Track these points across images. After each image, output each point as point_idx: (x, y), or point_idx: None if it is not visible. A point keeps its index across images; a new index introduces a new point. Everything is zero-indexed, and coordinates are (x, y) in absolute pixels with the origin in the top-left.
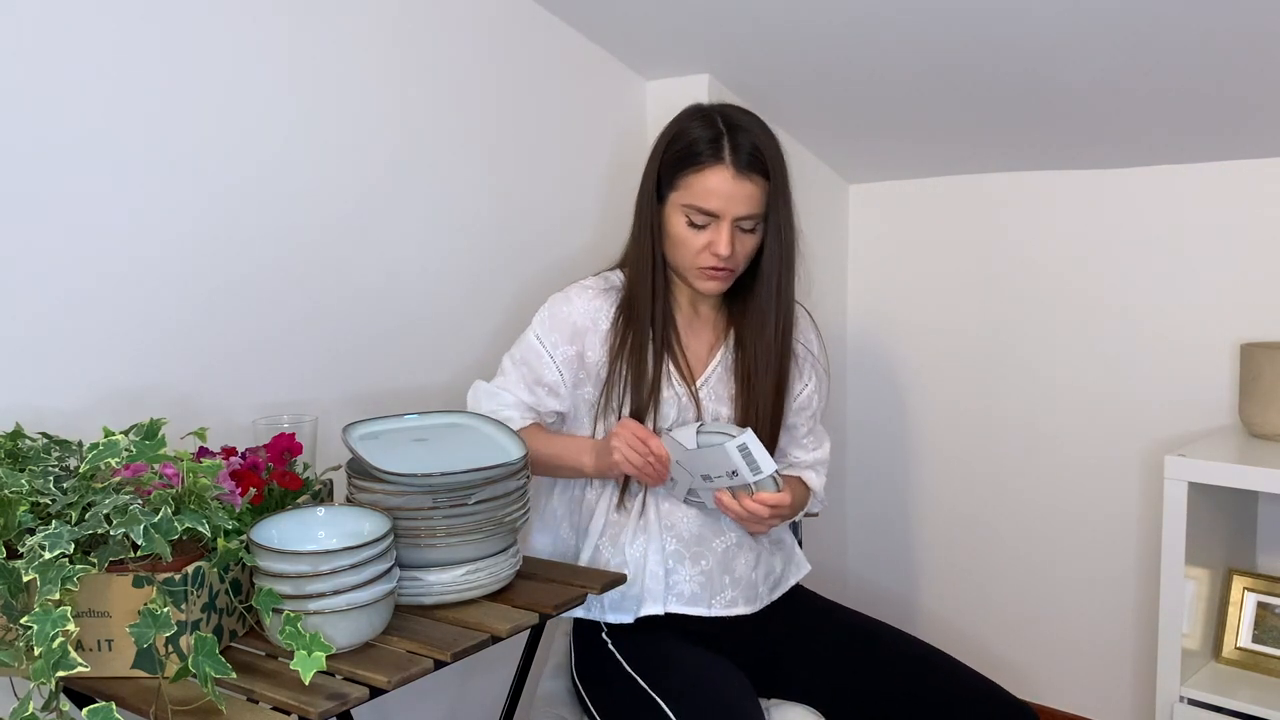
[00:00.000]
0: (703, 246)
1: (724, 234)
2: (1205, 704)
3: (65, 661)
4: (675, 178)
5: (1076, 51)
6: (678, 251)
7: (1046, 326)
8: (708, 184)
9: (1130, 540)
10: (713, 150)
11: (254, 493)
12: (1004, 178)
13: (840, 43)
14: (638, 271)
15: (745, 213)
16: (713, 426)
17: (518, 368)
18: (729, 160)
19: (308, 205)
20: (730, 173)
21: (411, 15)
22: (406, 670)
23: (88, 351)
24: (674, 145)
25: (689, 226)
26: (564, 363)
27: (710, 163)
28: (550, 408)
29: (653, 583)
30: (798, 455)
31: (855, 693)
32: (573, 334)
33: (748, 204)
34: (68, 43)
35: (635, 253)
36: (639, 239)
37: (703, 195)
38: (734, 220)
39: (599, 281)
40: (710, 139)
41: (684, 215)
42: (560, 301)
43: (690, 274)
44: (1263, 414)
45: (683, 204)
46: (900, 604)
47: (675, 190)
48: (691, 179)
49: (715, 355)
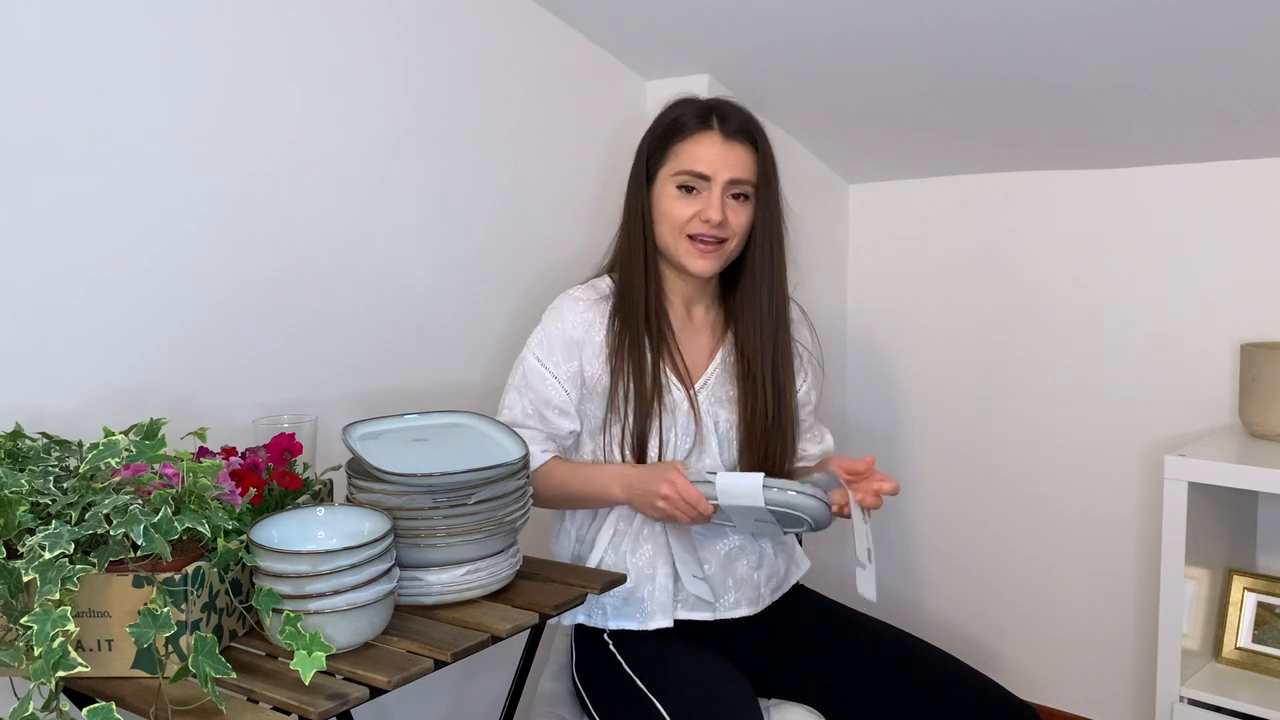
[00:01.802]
0: (693, 214)
1: (715, 197)
2: (1205, 704)
3: (65, 661)
4: (664, 151)
5: (1077, 52)
6: (667, 225)
7: (1047, 327)
8: (697, 149)
9: (1130, 540)
10: (701, 120)
11: (254, 493)
12: (1004, 178)
13: (840, 43)
14: (628, 263)
15: (735, 175)
16: (775, 483)
17: (523, 396)
18: (717, 127)
19: (308, 205)
20: (719, 137)
21: (411, 17)
22: (406, 670)
23: (88, 351)
24: (661, 124)
25: (679, 194)
26: (568, 380)
27: (699, 129)
28: (565, 429)
29: (662, 594)
30: (806, 449)
31: (856, 692)
32: (571, 349)
33: (737, 167)
34: (68, 43)
35: (625, 244)
36: (629, 227)
37: (691, 160)
38: (724, 185)
39: (588, 291)
40: (697, 112)
41: (673, 185)
42: (554, 318)
43: (680, 251)
44: (1263, 414)
45: (672, 174)
46: (900, 604)
47: (665, 164)
48: (680, 147)
49: (714, 358)
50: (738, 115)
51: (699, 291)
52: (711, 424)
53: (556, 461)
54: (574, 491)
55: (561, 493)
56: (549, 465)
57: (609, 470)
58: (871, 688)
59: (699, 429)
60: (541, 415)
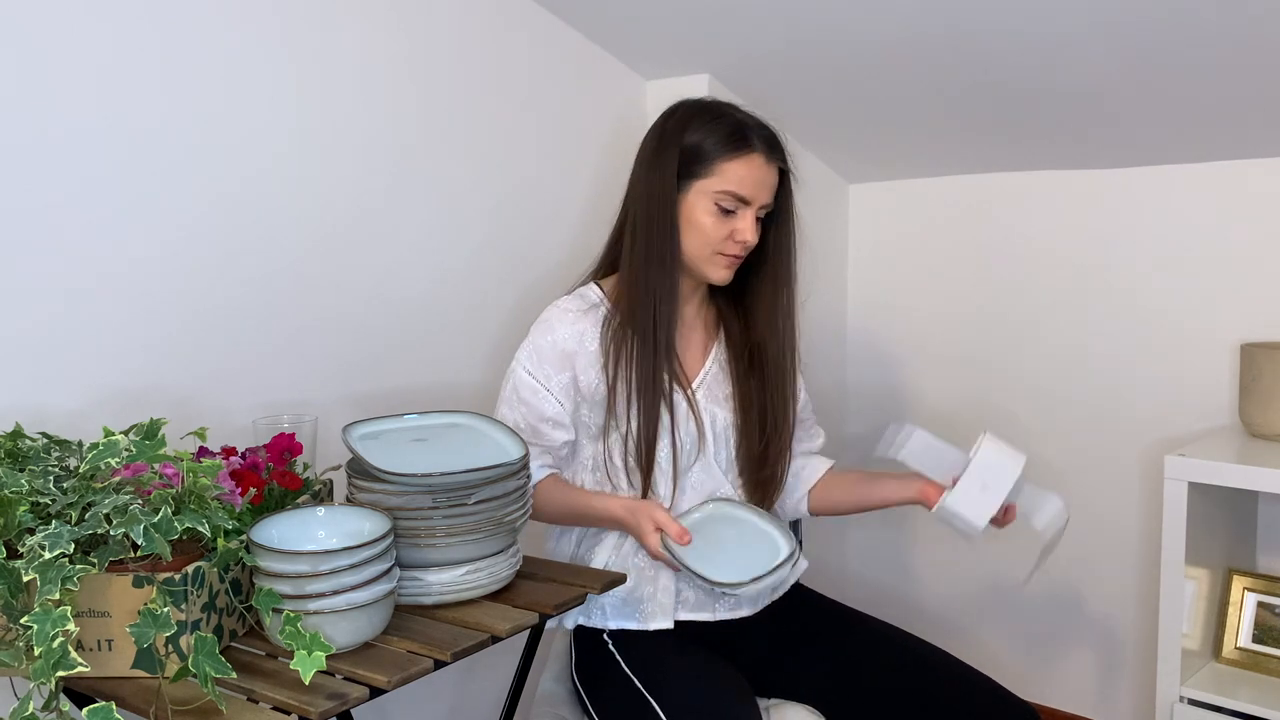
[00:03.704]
0: (727, 234)
1: (750, 220)
2: (1205, 704)
3: (65, 661)
4: (709, 164)
5: (1076, 52)
6: (697, 240)
7: (1047, 327)
8: (742, 170)
9: (1130, 540)
10: (746, 138)
11: (254, 493)
12: (1004, 178)
13: (840, 43)
14: (643, 270)
15: (768, 200)
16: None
17: (515, 410)
18: (760, 150)
19: (308, 206)
20: (763, 159)
21: (410, 17)
22: (406, 670)
23: (88, 351)
24: (702, 134)
25: (717, 214)
26: (561, 391)
27: (747, 149)
28: (560, 440)
29: (664, 596)
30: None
31: (856, 692)
32: (563, 360)
33: (770, 191)
34: (67, 43)
35: (643, 250)
36: (647, 234)
37: (737, 182)
38: (759, 208)
39: (576, 301)
40: (741, 130)
41: (712, 201)
42: (543, 331)
43: (705, 263)
44: (1263, 414)
45: (715, 190)
46: (900, 603)
47: (707, 177)
48: (728, 165)
49: (709, 355)
50: (776, 139)
51: (693, 290)
52: (709, 422)
53: (552, 480)
54: (571, 508)
55: (558, 509)
56: (546, 482)
57: (609, 498)
58: (871, 688)
59: (699, 429)
60: (535, 429)
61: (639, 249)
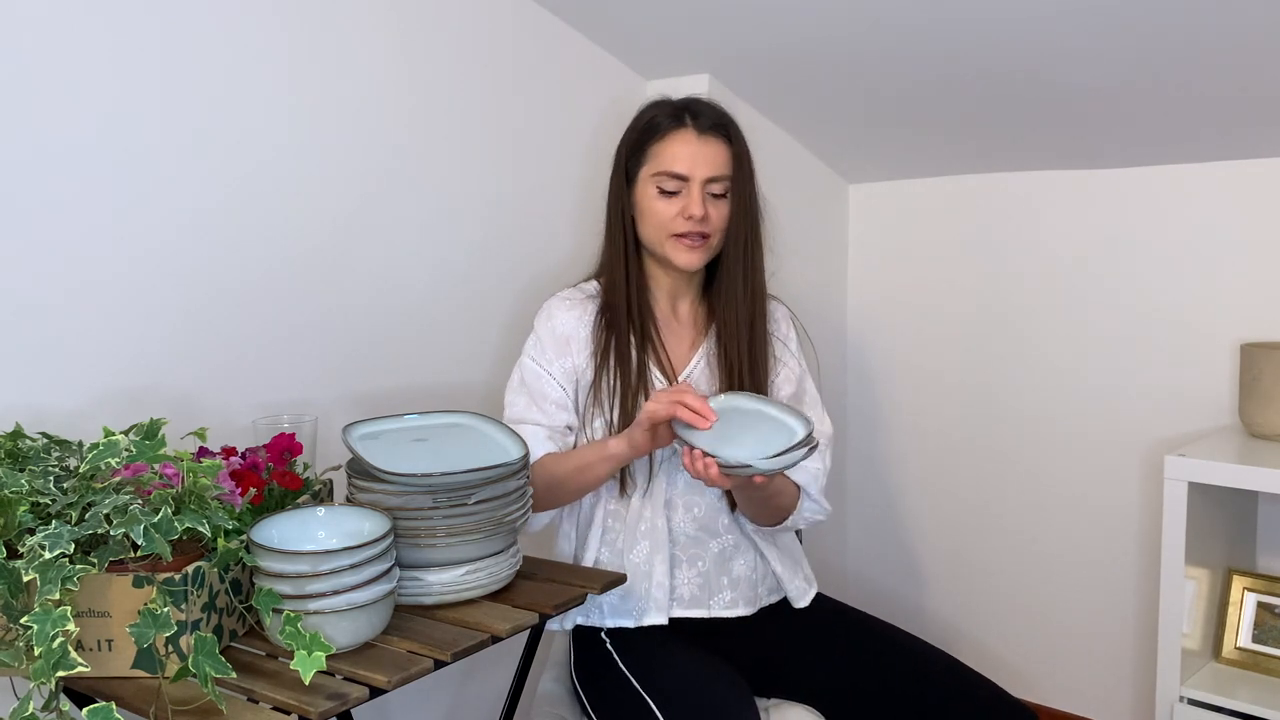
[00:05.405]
0: (675, 213)
1: (695, 194)
2: (1205, 704)
3: (65, 661)
4: (642, 152)
5: (1077, 52)
6: (651, 225)
7: (1047, 327)
8: (673, 148)
9: (1130, 540)
10: (675, 119)
11: (254, 493)
12: (1004, 178)
13: (840, 43)
14: (611, 262)
15: (712, 173)
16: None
17: (520, 394)
18: (691, 125)
19: (308, 205)
20: (693, 134)
21: (410, 16)
22: (406, 670)
23: (88, 351)
24: (636, 126)
25: (660, 196)
26: (563, 376)
27: (673, 128)
28: (564, 421)
29: (658, 591)
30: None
31: (855, 692)
32: (562, 345)
33: (713, 164)
34: (66, 42)
35: (608, 244)
36: (611, 228)
37: (669, 159)
38: (703, 183)
39: (575, 292)
40: (671, 111)
41: (654, 186)
42: (543, 320)
43: (666, 247)
44: (1263, 414)
45: (652, 174)
46: (900, 603)
47: (643, 165)
48: (657, 148)
49: (696, 351)
50: (710, 111)
51: (684, 287)
52: None
53: (549, 456)
54: (570, 470)
55: (556, 477)
56: (543, 460)
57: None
58: (871, 687)
59: None
60: (542, 409)
61: (609, 244)
